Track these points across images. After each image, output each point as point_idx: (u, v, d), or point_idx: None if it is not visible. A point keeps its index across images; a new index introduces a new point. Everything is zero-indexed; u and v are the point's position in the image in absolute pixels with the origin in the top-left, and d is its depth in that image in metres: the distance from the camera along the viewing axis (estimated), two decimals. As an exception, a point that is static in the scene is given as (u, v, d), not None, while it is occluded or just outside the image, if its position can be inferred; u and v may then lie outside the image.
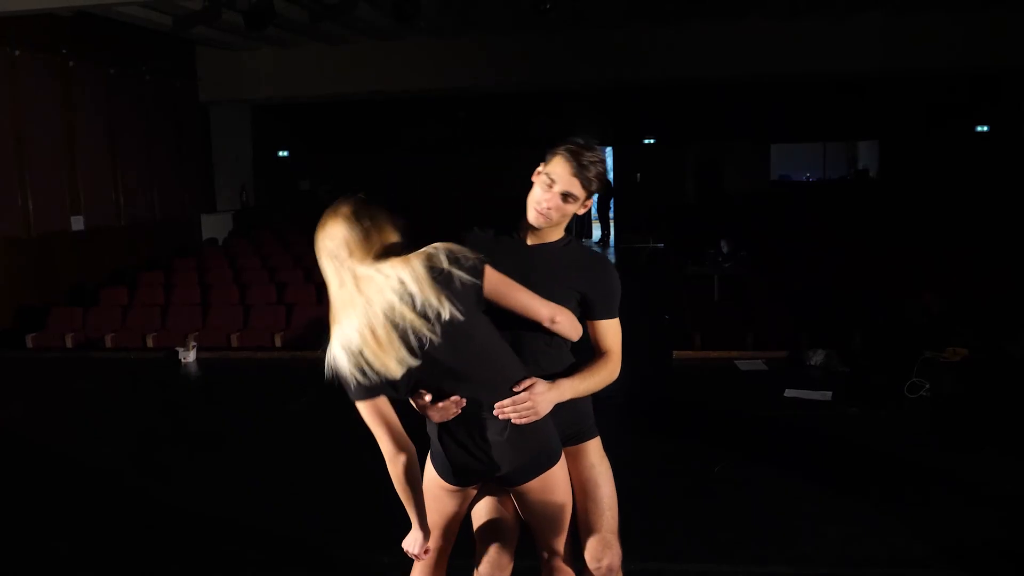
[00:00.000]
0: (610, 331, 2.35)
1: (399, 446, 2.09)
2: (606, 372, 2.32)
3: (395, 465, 2.10)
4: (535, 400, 2.12)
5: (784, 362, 6.90)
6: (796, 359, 6.86)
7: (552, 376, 2.22)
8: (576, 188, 2.23)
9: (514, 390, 2.12)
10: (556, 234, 2.34)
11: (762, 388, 6.23)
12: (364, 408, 2.08)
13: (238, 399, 6.63)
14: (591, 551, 2.36)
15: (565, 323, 2.24)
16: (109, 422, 5.96)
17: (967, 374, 6.29)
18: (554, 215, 2.25)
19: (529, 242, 2.34)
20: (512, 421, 2.12)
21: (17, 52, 9.52)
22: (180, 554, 3.70)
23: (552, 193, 2.24)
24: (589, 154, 2.23)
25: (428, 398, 2.12)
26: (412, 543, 2.25)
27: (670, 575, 3.39)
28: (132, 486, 4.55)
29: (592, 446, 2.41)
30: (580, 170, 2.22)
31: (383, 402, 2.08)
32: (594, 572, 2.38)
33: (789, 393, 5.96)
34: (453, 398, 2.10)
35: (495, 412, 2.12)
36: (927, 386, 5.79)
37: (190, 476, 4.73)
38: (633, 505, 4.01)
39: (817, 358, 6.70)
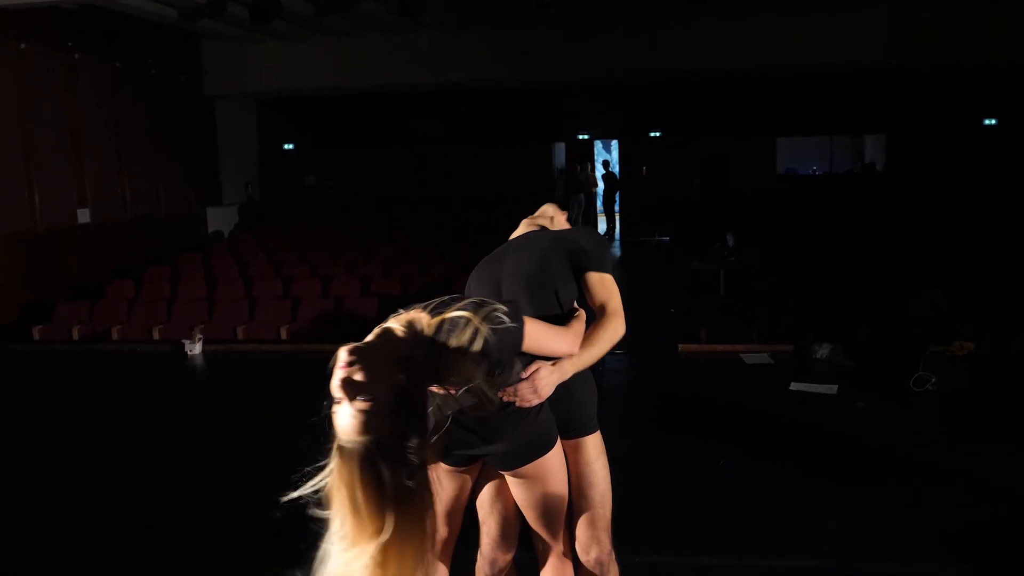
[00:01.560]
0: (603, 284, 2.32)
1: None
2: (609, 332, 2.26)
3: None
4: (538, 384, 2.12)
5: (789, 356, 6.88)
6: (802, 353, 6.84)
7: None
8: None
9: (521, 376, 2.12)
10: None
11: (767, 382, 6.21)
12: None
13: (244, 392, 6.64)
14: (580, 544, 2.40)
15: (580, 337, 2.23)
16: (113, 416, 5.97)
17: (974, 368, 6.27)
18: None
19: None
20: (516, 404, 2.12)
21: (22, 45, 9.53)
22: (183, 552, 3.71)
23: None
24: None
25: None
26: None
27: (673, 569, 3.38)
28: (134, 481, 4.56)
29: (591, 441, 2.41)
30: None
31: None
32: (583, 563, 2.42)
33: (794, 387, 5.94)
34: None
35: (499, 395, 2.12)
36: (933, 380, 5.76)
37: (193, 472, 4.73)
38: (637, 499, 4.01)
39: (823, 352, 6.68)
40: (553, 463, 2.26)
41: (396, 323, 1.80)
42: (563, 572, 2.38)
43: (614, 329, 2.27)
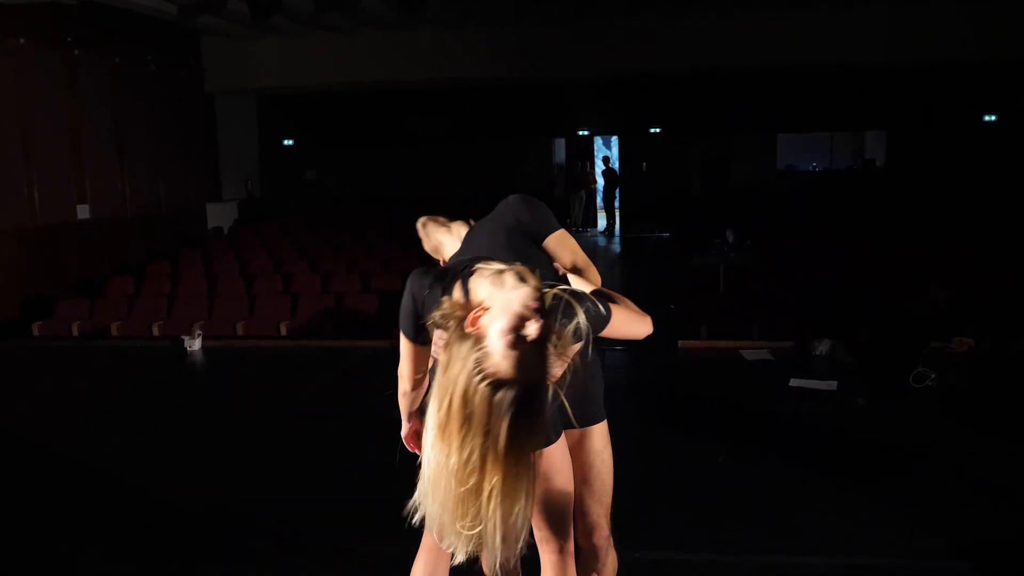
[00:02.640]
0: (562, 242, 2.29)
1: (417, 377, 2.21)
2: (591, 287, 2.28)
3: (402, 396, 2.27)
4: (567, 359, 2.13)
5: (790, 352, 6.88)
6: (802, 350, 6.85)
7: None
8: None
9: None
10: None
11: (767, 378, 6.21)
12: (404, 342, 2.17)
13: (243, 389, 6.64)
14: (580, 529, 2.43)
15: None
16: (113, 413, 5.97)
17: (973, 365, 6.26)
18: None
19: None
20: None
21: (22, 41, 9.52)
22: (183, 547, 3.71)
23: None
24: None
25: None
26: (404, 430, 2.37)
27: (674, 565, 3.39)
28: (134, 480, 4.56)
29: (598, 431, 2.41)
30: None
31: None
32: (582, 549, 2.46)
33: (794, 383, 5.94)
34: None
35: None
36: (933, 376, 5.76)
37: (193, 470, 4.73)
38: (637, 495, 4.01)
39: (823, 348, 6.68)
40: (556, 457, 2.23)
41: (525, 276, 1.77)
42: (566, 571, 2.36)
43: (596, 281, 2.29)
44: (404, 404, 2.33)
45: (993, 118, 15.37)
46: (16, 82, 9.51)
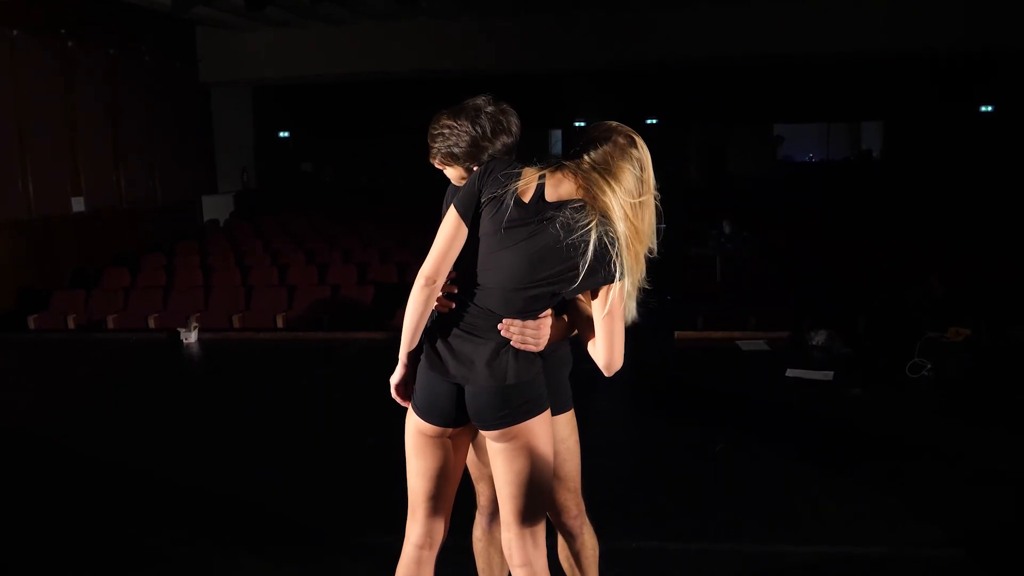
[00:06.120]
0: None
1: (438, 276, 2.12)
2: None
3: (424, 291, 2.12)
4: (543, 330, 2.10)
5: (786, 343, 6.89)
6: (798, 340, 6.85)
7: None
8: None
9: (538, 317, 2.10)
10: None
11: (764, 369, 6.22)
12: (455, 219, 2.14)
13: (240, 380, 6.64)
14: (551, 512, 2.42)
15: None
16: (110, 407, 5.97)
17: (969, 354, 6.27)
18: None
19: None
20: (512, 343, 2.08)
21: (15, 32, 9.47)
22: (179, 538, 3.71)
23: None
24: (434, 126, 2.46)
25: (449, 278, 2.14)
26: (395, 376, 2.23)
27: (670, 555, 3.39)
28: (136, 470, 4.56)
29: (564, 419, 2.39)
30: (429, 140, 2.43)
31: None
32: (555, 526, 2.47)
33: (791, 373, 5.95)
34: (451, 299, 2.12)
35: (499, 326, 2.08)
36: (929, 366, 5.78)
37: (194, 459, 4.73)
38: (634, 484, 4.02)
39: (819, 339, 6.69)
40: (539, 430, 2.14)
41: None
42: (526, 555, 2.23)
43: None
44: (411, 330, 2.15)
45: (990, 108, 15.36)
46: (10, 74, 9.46)
